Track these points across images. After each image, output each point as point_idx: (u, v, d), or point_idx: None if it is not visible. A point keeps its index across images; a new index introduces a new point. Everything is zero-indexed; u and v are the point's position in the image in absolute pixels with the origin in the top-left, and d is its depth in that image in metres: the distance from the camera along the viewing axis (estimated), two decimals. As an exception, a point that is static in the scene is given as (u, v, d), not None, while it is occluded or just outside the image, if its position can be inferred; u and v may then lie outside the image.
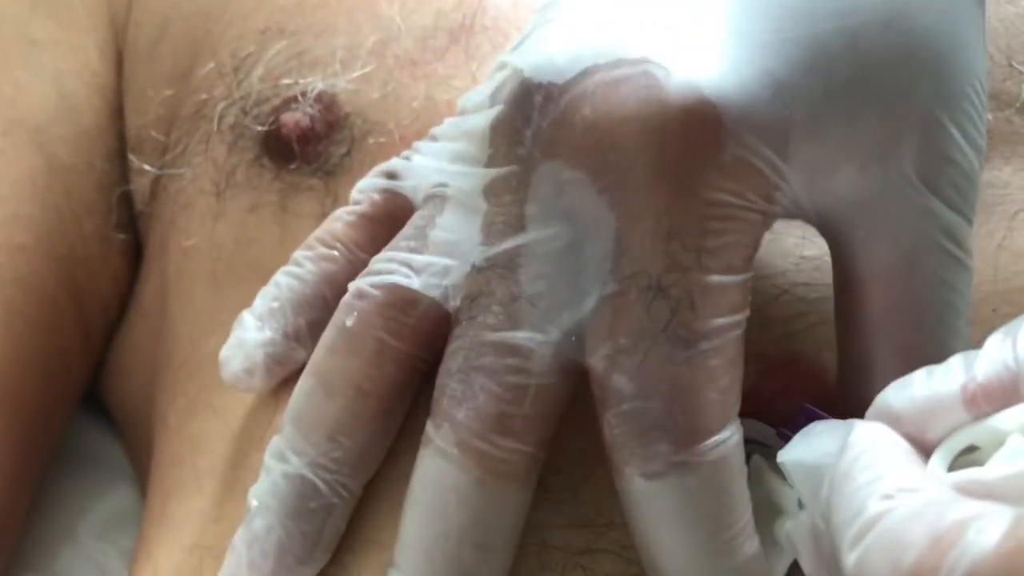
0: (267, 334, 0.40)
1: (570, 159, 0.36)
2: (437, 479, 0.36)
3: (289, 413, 0.38)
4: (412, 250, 0.38)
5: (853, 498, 0.30)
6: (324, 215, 0.44)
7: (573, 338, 0.36)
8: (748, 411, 0.37)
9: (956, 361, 0.32)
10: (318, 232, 0.42)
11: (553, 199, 0.36)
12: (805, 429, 0.35)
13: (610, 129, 0.35)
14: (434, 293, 0.37)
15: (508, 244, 0.37)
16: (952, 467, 0.32)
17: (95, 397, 0.55)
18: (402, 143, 0.43)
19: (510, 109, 0.37)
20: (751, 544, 0.35)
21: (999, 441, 0.31)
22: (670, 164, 0.34)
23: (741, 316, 0.35)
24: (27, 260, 0.49)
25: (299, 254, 0.41)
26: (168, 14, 0.51)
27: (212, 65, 0.48)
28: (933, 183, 0.35)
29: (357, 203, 0.41)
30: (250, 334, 0.41)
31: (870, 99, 0.35)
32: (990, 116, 0.43)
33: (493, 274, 0.37)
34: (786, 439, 0.36)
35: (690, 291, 0.34)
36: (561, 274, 0.36)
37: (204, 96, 0.48)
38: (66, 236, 0.51)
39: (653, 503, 0.35)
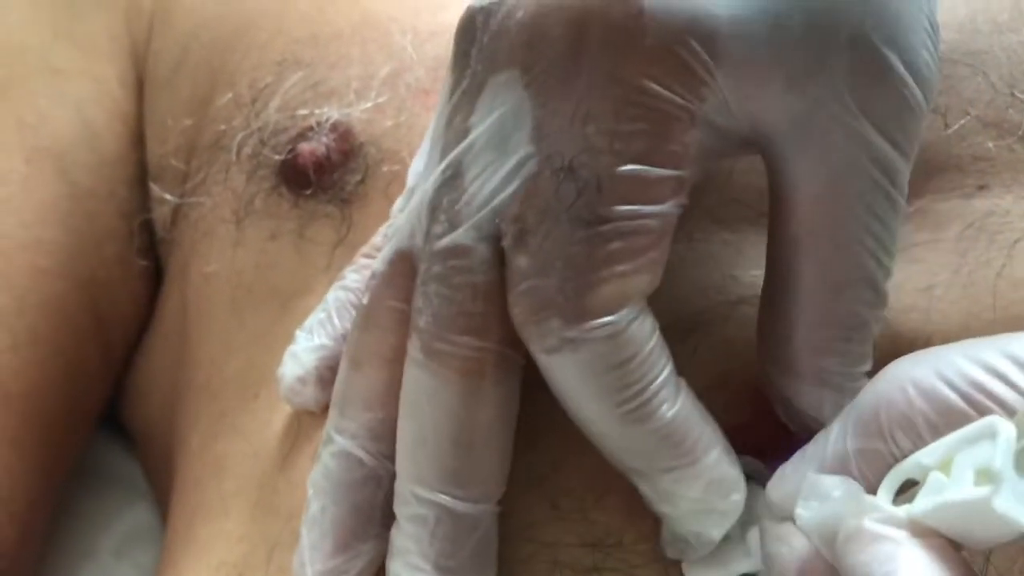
0: (316, 341, 0.42)
1: (505, 61, 0.36)
2: (413, 387, 0.37)
3: (332, 399, 0.40)
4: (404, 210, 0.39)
5: None
6: (340, 242, 0.45)
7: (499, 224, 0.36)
8: (745, 445, 0.38)
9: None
10: (362, 248, 0.43)
11: (490, 103, 0.37)
12: (812, 485, 0.35)
13: (538, 23, 0.36)
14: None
15: (452, 155, 0.37)
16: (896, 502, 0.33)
17: (114, 417, 0.56)
18: None
19: (457, 38, 0.38)
20: (668, 408, 0.36)
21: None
22: (590, 48, 0.35)
23: (655, 208, 0.35)
24: (50, 284, 0.50)
25: (346, 270, 0.43)
26: (187, 43, 0.52)
27: (230, 95, 0.49)
28: (866, 107, 0.35)
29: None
30: (301, 344, 0.42)
31: (795, 6, 0.35)
32: (990, 144, 0.43)
33: (444, 187, 0.37)
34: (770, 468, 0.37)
35: (599, 174, 0.34)
36: (493, 171, 0.36)
37: (223, 127, 0.49)
38: (88, 261, 0.51)
39: (558, 376, 0.36)
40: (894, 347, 0.40)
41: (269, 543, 0.42)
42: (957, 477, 0.32)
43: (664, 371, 0.36)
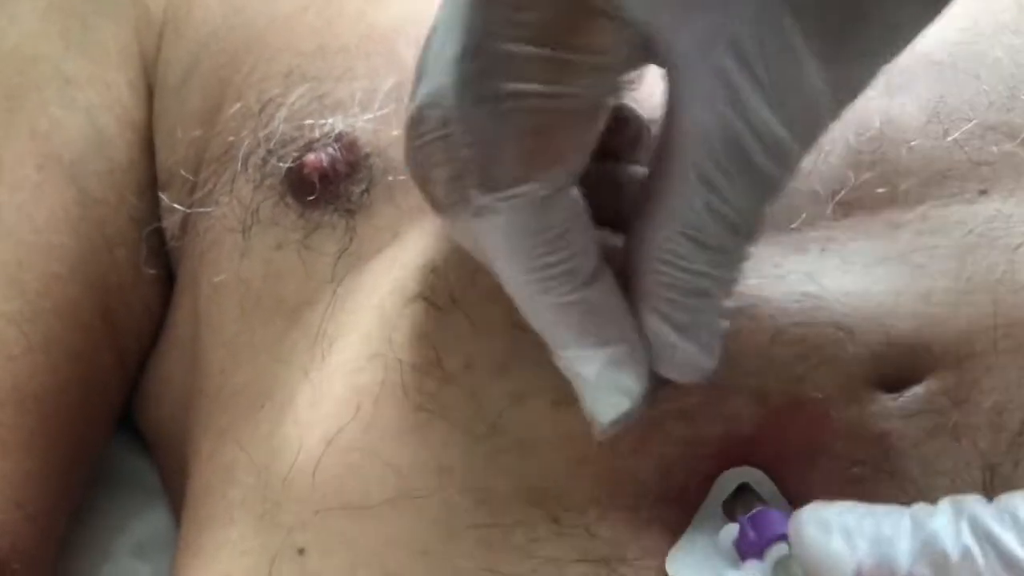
0: None
1: None
2: None
3: None
4: None
5: None
6: (344, 251, 0.45)
7: None
8: (750, 454, 0.39)
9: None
10: None
11: None
12: None
13: None
14: None
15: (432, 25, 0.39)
16: None
17: (132, 419, 0.56)
18: None
19: None
20: (573, 289, 0.37)
21: None
22: None
23: (549, 88, 0.36)
24: (62, 289, 0.51)
25: None
26: (197, 54, 0.52)
27: (239, 106, 0.49)
28: (760, 79, 0.34)
29: None
30: None
31: None
32: (993, 149, 0.43)
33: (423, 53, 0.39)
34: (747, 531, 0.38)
35: (496, 54, 0.35)
36: (441, 47, 0.37)
37: (231, 138, 0.49)
38: (99, 266, 0.52)
39: (482, 239, 0.38)
40: (892, 353, 0.40)
41: (270, 555, 0.42)
42: None
43: (578, 253, 0.37)
